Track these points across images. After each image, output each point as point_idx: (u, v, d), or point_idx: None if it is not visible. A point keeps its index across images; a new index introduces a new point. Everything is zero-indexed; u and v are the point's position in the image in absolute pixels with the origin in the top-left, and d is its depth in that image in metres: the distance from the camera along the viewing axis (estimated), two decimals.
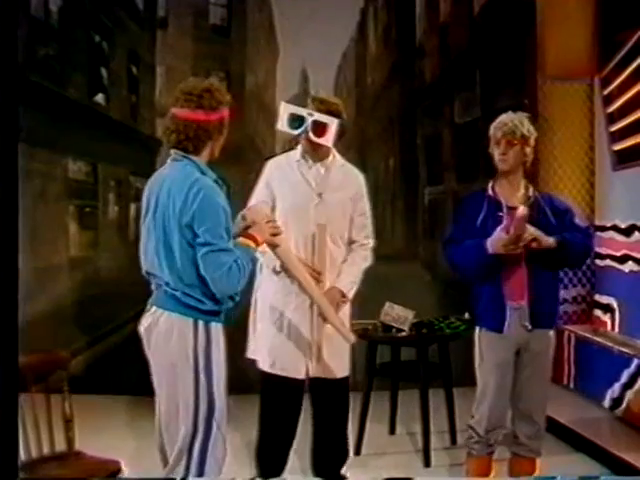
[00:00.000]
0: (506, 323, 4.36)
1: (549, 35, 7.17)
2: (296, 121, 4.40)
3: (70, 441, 4.21)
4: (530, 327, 4.36)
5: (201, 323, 3.55)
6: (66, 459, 4.15)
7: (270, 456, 4.71)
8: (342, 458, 4.82)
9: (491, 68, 7.70)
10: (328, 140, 4.43)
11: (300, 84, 7.96)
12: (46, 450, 4.10)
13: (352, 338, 4.37)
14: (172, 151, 3.62)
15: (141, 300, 7.45)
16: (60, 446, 4.17)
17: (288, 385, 4.57)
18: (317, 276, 4.40)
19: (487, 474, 4.56)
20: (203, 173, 3.55)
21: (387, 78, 8.11)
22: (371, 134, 8.15)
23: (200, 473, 3.59)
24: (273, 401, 4.62)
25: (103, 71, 7.68)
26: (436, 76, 8.04)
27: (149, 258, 3.66)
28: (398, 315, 5.60)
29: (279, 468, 4.67)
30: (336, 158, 4.64)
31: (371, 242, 4.72)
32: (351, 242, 4.66)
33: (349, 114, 8.25)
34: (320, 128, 4.38)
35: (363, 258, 4.67)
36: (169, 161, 3.66)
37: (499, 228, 4.29)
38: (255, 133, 8.00)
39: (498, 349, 4.39)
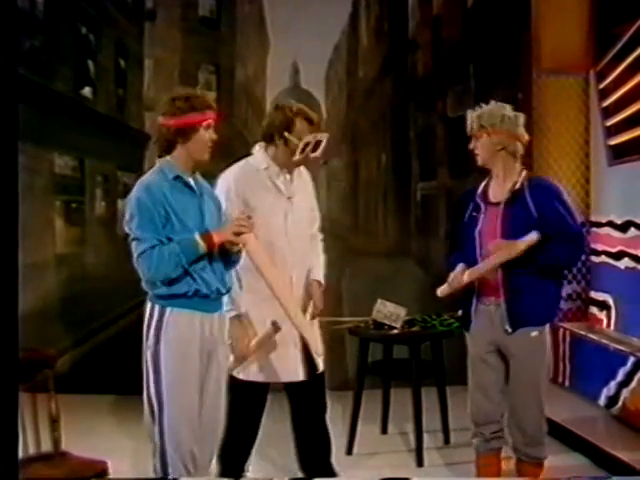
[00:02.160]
0: (472, 322, 4.42)
1: (544, 28, 7.16)
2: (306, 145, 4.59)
3: (56, 441, 4.18)
4: (509, 329, 4.31)
5: (157, 307, 3.87)
6: (52, 459, 4.12)
7: (237, 455, 4.75)
8: (327, 449, 4.86)
9: (485, 61, 7.69)
10: (320, 153, 4.65)
11: (291, 77, 7.95)
12: (32, 450, 4.08)
13: (321, 352, 4.46)
14: None
15: (129, 297, 7.48)
16: (46, 446, 4.15)
17: (255, 385, 4.66)
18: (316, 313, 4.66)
19: (496, 472, 4.57)
20: (162, 171, 3.93)
21: (379, 71, 8.09)
22: (363, 129, 8.13)
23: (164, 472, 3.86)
24: (242, 401, 4.62)
25: (90, 64, 7.64)
26: (429, 69, 8.03)
27: None
28: (390, 312, 5.58)
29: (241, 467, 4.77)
30: None
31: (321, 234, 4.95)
32: (311, 236, 4.86)
33: (340, 108, 8.36)
34: (317, 145, 4.59)
35: (321, 249, 4.89)
36: None
37: (459, 267, 4.40)
38: (245, 128, 7.97)
39: (472, 347, 4.49)
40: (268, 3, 7.80)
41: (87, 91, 7.68)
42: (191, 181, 3.96)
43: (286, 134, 4.55)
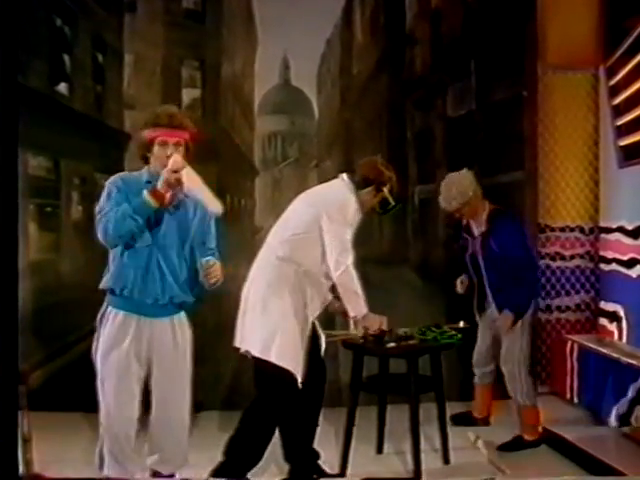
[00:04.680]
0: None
1: (550, 20, 7.15)
2: None
3: (28, 463, 4.13)
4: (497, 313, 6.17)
5: (104, 305, 4.54)
6: None
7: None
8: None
9: (487, 57, 7.66)
10: None
11: (281, 74, 7.93)
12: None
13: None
14: None
15: None
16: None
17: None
18: None
19: (487, 399, 6.58)
20: (140, 174, 4.58)
21: (374, 68, 8.06)
22: (357, 129, 8.10)
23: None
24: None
25: (66, 58, 7.58)
26: (427, 66, 7.99)
27: None
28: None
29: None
30: None
31: None
32: None
33: (333, 107, 8.33)
34: None
35: None
36: None
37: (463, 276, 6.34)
38: (232, 127, 7.94)
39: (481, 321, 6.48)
40: None
41: (63, 87, 7.61)
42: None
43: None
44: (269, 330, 5.01)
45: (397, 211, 5.55)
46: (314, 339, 5.26)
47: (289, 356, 4.99)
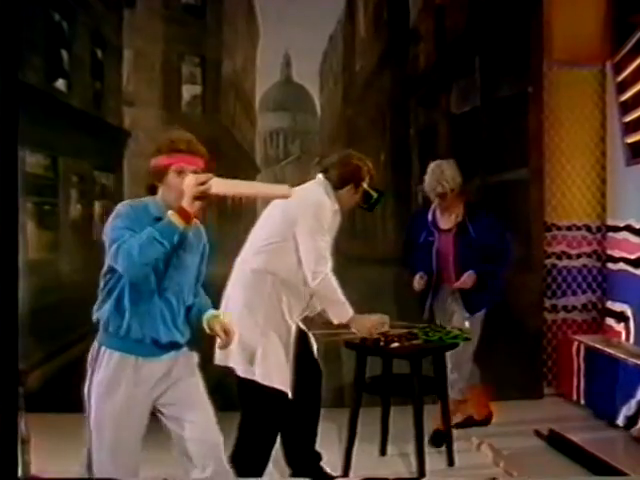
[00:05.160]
0: None
1: (556, 15, 7.15)
2: None
3: (26, 465, 4.10)
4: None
5: (95, 344, 4.05)
6: None
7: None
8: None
9: (492, 53, 7.65)
10: None
11: (282, 71, 7.91)
12: None
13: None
14: None
15: None
16: None
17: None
18: None
19: (482, 399, 6.62)
20: (146, 207, 4.09)
21: (377, 64, 8.03)
22: (360, 126, 8.06)
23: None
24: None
25: (64, 54, 7.55)
26: (431, 62, 7.96)
27: None
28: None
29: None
30: None
31: None
32: None
33: (336, 104, 8.30)
34: None
35: None
36: None
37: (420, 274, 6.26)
38: (233, 125, 7.92)
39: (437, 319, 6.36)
40: None
41: (61, 84, 7.59)
42: None
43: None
44: (250, 349, 4.92)
45: (394, 210, 5.50)
46: (303, 340, 5.19)
47: (274, 374, 4.92)
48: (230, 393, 5.01)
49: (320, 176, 5.27)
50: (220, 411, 4.19)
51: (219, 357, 4.95)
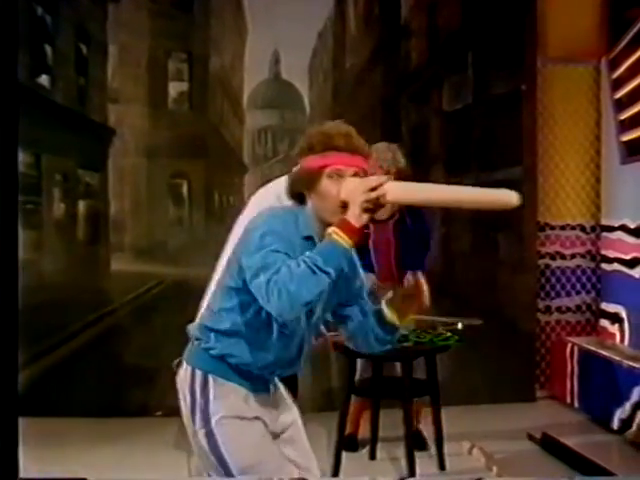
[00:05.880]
0: None
1: (550, 11, 7.14)
2: None
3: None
4: None
5: (198, 373, 3.26)
6: None
7: None
8: None
9: (485, 49, 7.64)
10: None
11: (271, 67, 7.87)
12: None
13: None
14: None
15: (90, 309, 7.33)
16: None
17: None
18: None
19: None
20: (296, 219, 3.27)
21: (368, 61, 8.01)
22: (350, 123, 7.93)
23: None
24: None
25: (47, 49, 7.52)
26: (423, 59, 7.94)
27: None
28: None
29: None
30: None
31: None
32: None
33: (326, 101, 8.28)
34: None
35: None
36: None
37: None
38: (220, 123, 7.89)
39: None
40: None
41: (44, 79, 7.54)
42: None
43: None
44: None
45: None
46: None
47: None
48: None
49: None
50: None
51: None
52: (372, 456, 6.03)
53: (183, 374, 3.30)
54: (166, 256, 7.48)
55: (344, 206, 3.07)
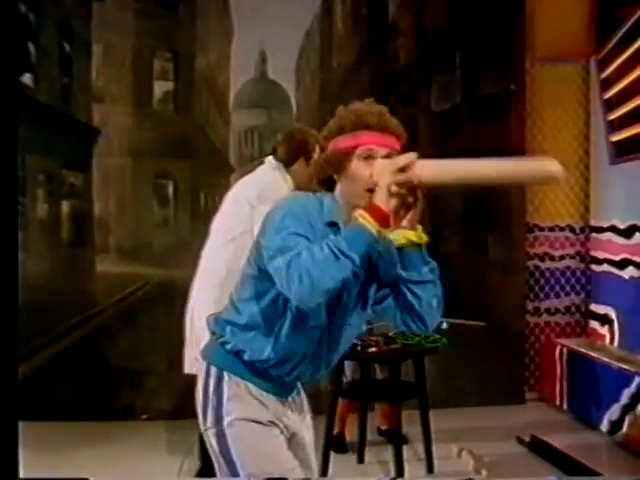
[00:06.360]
0: None
1: (539, 11, 7.15)
2: None
3: None
4: None
5: (213, 370, 3.16)
6: None
7: None
8: None
9: (473, 49, 7.64)
10: None
11: (257, 67, 7.86)
12: None
13: None
14: None
15: (75, 311, 7.29)
16: None
17: None
18: None
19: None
20: (321, 204, 3.11)
21: (356, 60, 8.01)
22: None
23: None
24: None
25: (30, 47, 7.49)
26: (411, 58, 7.94)
27: None
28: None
29: None
30: None
31: None
32: None
33: (312, 101, 8.27)
34: None
35: None
36: None
37: None
38: (206, 123, 7.87)
39: None
40: None
41: (27, 78, 7.52)
42: None
43: None
44: None
45: None
46: None
47: None
48: None
49: (270, 158, 5.22)
50: None
51: (187, 366, 4.92)
52: (360, 459, 6.03)
53: (200, 369, 3.21)
54: (152, 257, 7.46)
55: (372, 190, 2.90)
